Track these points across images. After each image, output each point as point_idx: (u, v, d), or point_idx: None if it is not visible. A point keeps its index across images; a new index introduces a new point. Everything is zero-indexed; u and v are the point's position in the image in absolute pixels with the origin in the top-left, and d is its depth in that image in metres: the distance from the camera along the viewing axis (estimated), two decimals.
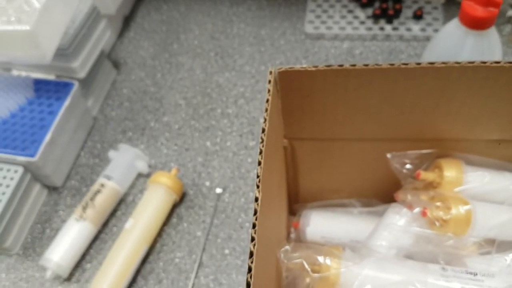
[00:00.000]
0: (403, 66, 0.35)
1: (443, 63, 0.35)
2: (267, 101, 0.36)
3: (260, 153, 0.33)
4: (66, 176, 0.66)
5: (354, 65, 0.36)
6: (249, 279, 0.27)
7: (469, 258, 0.41)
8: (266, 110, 0.35)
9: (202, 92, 0.73)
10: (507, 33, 0.73)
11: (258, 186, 0.31)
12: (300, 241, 0.52)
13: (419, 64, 0.35)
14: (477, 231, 0.41)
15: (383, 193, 0.49)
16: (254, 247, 0.29)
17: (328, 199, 0.53)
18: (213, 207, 0.61)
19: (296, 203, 0.55)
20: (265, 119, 0.35)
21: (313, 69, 0.37)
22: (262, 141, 0.34)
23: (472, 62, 0.35)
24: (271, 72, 0.38)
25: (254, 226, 0.30)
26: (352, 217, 0.51)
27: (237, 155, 0.66)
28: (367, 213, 0.51)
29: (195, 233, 0.59)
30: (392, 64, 0.36)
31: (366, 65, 0.36)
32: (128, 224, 0.56)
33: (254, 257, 0.28)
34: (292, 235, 0.53)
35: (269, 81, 0.37)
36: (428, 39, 0.72)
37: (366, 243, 0.43)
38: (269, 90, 0.36)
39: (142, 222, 0.56)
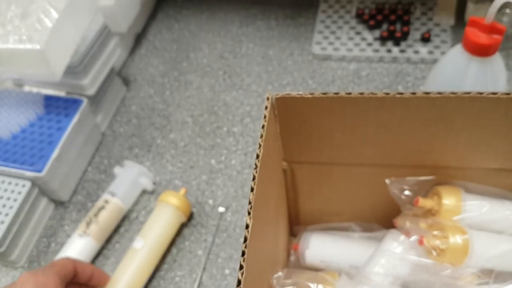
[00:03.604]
0: (398, 95, 0.36)
1: (439, 93, 0.35)
2: (263, 127, 0.36)
3: (253, 179, 0.34)
4: (73, 191, 0.67)
5: (349, 93, 0.36)
6: None
7: None
8: (262, 136, 0.36)
9: (209, 110, 0.74)
10: None
11: (249, 213, 0.32)
12: (299, 263, 0.52)
13: (414, 93, 0.35)
14: (474, 261, 0.40)
15: (384, 218, 0.49)
16: (242, 276, 0.29)
17: (328, 222, 0.53)
18: (215, 226, 0.61)
19: (297, 225, 0.56)
20: (260, 145, 0.35)
21: (309, 96, 0.37)
22: (256, 167, 0.34)
23: (468, 93, 0.35)
24: (268, 98, 0.38)
25: (243, 254, 0.30)
26: (352, 241, 0.51)
27: (241, 174, 0.66)
28: (367, 238, 0.51)
29: (196, 252, 0.59)
30: (388, 93, 0.36)
31: (362, 93, 0.36)
32: (138, 244, 0.56)
33: (241, 286, 0.28)
34: (292, 257, 0.53)
35: (266, 107, 0.38)
36: (435, 61, 0.72)
37: (363, 270, 0.43)
38: (265, 116, 0.37)
39: (152, 243, 0.56)
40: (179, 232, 0.61)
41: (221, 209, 0.62)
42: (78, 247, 0.58)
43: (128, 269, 0.54)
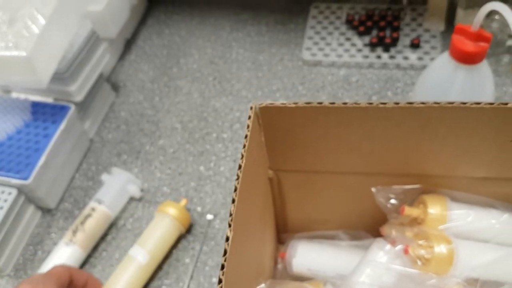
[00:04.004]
0: (381, 105, 0.35)
1: (422, 103, 0.35)
2: (246, 136, 0.36)
3: (235, 190, 0.33)
4: (60, 198, 0.66)
5: (333, 103, 0.36)
6: None
7: None
8: (244, 146, 0.36)
9: (199, 116, 0.74)
10: (505, 63, 0.72)
11: (230, 225, 0.31)
12: (286, 271, 0.51)
13: (397, 103, 0.35)
14: (459, 270, 0.40)
15: (372, 226, 0.49)
16: None
17: (316, 230, 0.53)
18: (203, 233, 0.61)
19: (284, 232, 0.55)
20: (242, 155, 0.35)
21: (293, 105, 0.37)
22: (238, 178, 0.34)
23: (452, 103, 0.35)
24: (251, 108, 0.38)
25: (222, 267, 0.29)
26: (339, 250, 0.50)
27: (230, 181, 0.66)
28: (354, 246, 0.50)
29: (184, 260, 0.59)
30: (371, 103, 0.36)
31: (345, 103, 0.36)
32: (136, 253, 0.55)
33: None
34: (279, 266, 0.52)
35: (249, 117, 0.37)
36: (425, 67, 0.72)
37: (348, 280, 0.43)
38: (248, 126, 0.37)
39: (151, 253, 0.56)
40: None
41: (210, 217, 0.62)
42: (64, 255, 0.57)
43: (123, 276, 0.54)
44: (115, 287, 0.53)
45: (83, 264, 0.59)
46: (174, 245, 0.60)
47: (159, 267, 0.58)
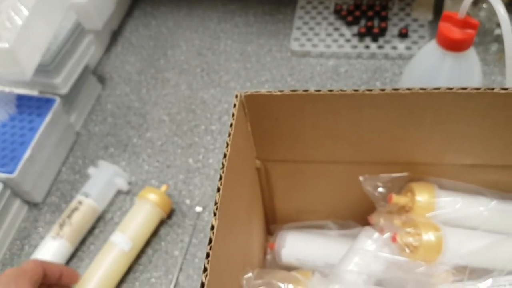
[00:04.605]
0: (368, 92, 0.35)
1: (408, 89, 0.35)
2: (231, 125, 0.36)
3: (220, 179, 0.33)
4: (47, 192, 0.65)
5: (319, 91, 0.36)
6: None
7: (440, 286, 0.40)
8: (229, 134, 0.35)
9: (187, 108, 0.73)
10: (494, 52, 0.72)
11: (215, 214, 0.31)
12: (275, 262, 0.51)
13: (383, 90, 0.35)
14: (448, 258, 0.40)
15: (360, 215, 0.49)
16: (205, 278, 0.28)
17: (304, 220, 0.53)
18: (192, 226, 0.60)
19: (273, 223, 0.55)
20: (227, 144, 0.35)
21: (279, 93, 0.37)
22: (223, 167, 0.33)
23: (438, 89, 0.35)
24: (237, 96, 0.37)
25: (207, 255, 0.29)
26: (328, 239, 0.50)
27: (219, 173, 0.65)
28: (343, 235, 0.50)
29: (173, 252, 0.58)
30: (357, 90, 0.35)
31: (331, 90, 0.36)
32: (117, 239, 0.55)
33: None
34: (269, 256, 0.52)
35: (234, 105, 0.37)
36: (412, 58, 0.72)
37: (337, 268, 0.43)
38: (233, 114, 0.36)
39: (132, 239, 0.56)
40: (155, 233, 0.60)
41: (198, 209, 0.61)
42: (51, 249, 0.56)
43: (104, 262, 0.54)
44: (96, 273, 0.53)
45: (71, 258, 0.59)
46: (163, 238, 0.59)
47: (148, 260, 0.58)
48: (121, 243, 0.55)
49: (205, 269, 0.28)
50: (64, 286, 0.51)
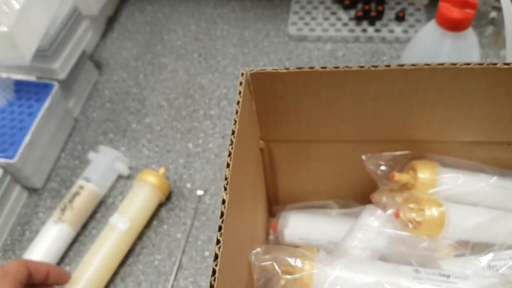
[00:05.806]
0: (373, 68, 0.35)
1: (413, 65, 0.35)
2: (238, 103, 0.36)
3: (229, 155, 0.33)
4: (47, 177, 0.65)
5: (324, 67, 0.36)
6: (212, 282, 0.27)
7: (443, 260, 0.41)
8: (237, 112, 0.35)
9: (185, 93, 0.73)
10: (489, 35, 0.73)
11: (225, 189, 0.31)
12: (278, 242, 0.52)
13: (388, 66, 0.35)
14: (450, 233, 0.41)
15: (361, 194, 0.49)
16: (219, 250, 0.28)
17: (306, 201, 0.53)
18: (194, 209, 0.61)
19: (276, 205, 0.55)
20: (235, 121, 0.35)
21: (285, 71, 0.37)
22: (232, 143, 0.34)
23: (442, 64, 0.35)
24: (242, 74, 0.37)
25: (220, 228, 0.29)
26: (330, 218, 0.51)
27: (219, 157, 0.66)
28: (344, 214, 0.51)
29: (175, 235, 0.59)
30: (362, 67, 0.36)
31: (336, 67, 0.36)
32: (116, 221, 0.56)
33: (219, 260, 0.28)
34: (271, 237, 0.53)
35: (241, 83, 0.37)
36: (410, 40, 0.72)
37: (341, 245, 0.43)
38: (240, 92, 0.36)
39: (131, 221, 0.56)
40: (157, 216, 0.60)
41: (200, 192, 0.62)
42: (53, 234, 0.56)
43: (105, 245, 0.54)
44: (97, 255, 0.54)
45: (73, 243, 0.59)
46: (166, 221, 0.60)
47: (151, 243, 0.58)
48: (119, 224, 0.55)
49: (218, 241, 0.29)
50: (52, 286, 0.48)
